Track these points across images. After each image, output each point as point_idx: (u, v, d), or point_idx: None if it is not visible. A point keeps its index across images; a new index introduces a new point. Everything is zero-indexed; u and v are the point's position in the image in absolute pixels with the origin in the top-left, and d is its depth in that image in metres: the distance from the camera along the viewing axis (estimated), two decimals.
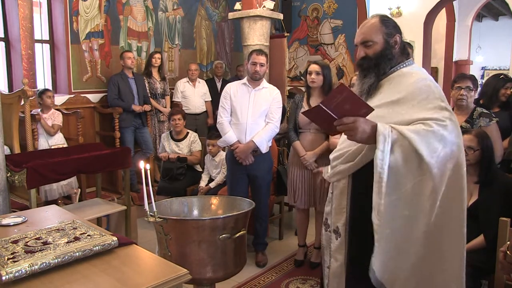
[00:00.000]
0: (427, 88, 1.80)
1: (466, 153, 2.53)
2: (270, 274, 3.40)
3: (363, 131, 1.70)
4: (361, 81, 1.92)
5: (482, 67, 12.14)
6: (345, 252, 1.96)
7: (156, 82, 5.47)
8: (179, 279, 1.44)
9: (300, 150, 3.30)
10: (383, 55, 1.87)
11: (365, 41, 1.89)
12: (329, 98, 1.68)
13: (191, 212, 2.54)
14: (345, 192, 1.93)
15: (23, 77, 4.37)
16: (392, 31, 1.88)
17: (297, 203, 3.41)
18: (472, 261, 2.40)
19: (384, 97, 1.85)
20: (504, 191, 2.47)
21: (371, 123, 1.71)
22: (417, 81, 1.82)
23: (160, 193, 4.25)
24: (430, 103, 1.78)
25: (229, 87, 3.52)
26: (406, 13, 6.48)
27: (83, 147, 3.63)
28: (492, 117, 2.93)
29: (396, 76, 1.88)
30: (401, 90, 1.82)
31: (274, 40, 5.57)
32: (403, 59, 1.92)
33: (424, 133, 1.70)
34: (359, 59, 1.92)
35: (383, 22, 1.88)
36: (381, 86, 1.89)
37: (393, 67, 1.89)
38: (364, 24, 1.92)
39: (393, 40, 1.88)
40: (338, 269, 2.00)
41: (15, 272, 1.34)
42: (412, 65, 1.92)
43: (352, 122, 1.69)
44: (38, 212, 2.12)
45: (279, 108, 3.45)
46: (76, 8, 5.08)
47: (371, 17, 1.94)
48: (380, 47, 1.87)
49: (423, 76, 1.86)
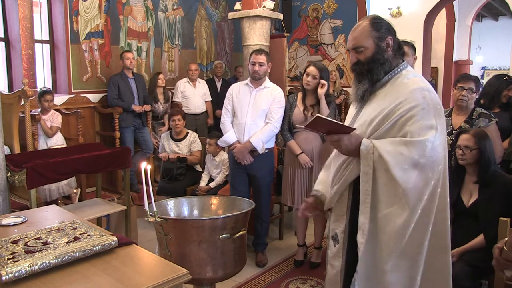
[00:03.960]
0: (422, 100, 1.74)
1: (463, 152, 2.55)
2: (270, 274, 3.40)
3: (347, 148, 1.79)
4: (356, 86, 1.91)
5: (482, 67, 12.13)
6: (342, 260, 1.94)
7: (160, 106, 5.42)
8: (179, 279, 1.44)
9: (295, 149, 3.31)
10: (375, 60, 1.83)
11: (356, 47, 1.85)
12: (310, 125, 1.80)
13: (191, 212, 2.54)
14: (345, 199, 1.93)
15: (23, 77, 4.37)
16: (384, 34, 1.83)
17: (295, 203, 3.41)
18: (472, 261, 2.41)
19: (377, 109, 1.82)
20: (504, 191, 2.47)
21: (356, 140, 1.78)
22: (414, 91, 1.77)
23: (160, 193, 4.25)
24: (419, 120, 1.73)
25: (232, 88, 3.56)
26: (406, 13, 6.48)
27: (83, 147, 3.63)
28: (491, 118, 2.93)
29: (391, 87, 1.84)
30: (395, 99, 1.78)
31: (274, 40, 5.56)
32: (398, 61, 1.88)
33: (399, 158, 1.70)
34: (352, 64, 1.91)
35: (373, 26, 1.83)
36: (376, 95, 1.86)
37: (388, 73, 1.85)
38: (355, 28, 1.88)
39: (385, 44, 1.83)
40: (334, 277, 1.98)
41: (15, 272, 1.34)
42: (407, 69, 1.88)
43: (336, 140, 1.79)
44: (38, 212, 2.12)
45: (279, 108, 3.43)
46: (76, 8, 5.08)
47: (362, 19, 1.89)
48: (371, 52, 1.83)
49: (420, 84, 1.81)
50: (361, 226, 1.78)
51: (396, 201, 1.73)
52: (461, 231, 2.58)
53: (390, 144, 1.73)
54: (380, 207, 1.76)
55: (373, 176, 1.75)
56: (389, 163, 1.70)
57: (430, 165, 1.72)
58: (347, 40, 1.93)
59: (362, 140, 1.78)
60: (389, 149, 1.72)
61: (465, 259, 2.44)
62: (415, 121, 1.72)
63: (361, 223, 1.78)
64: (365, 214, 1.77)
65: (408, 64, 1.95)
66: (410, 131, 1.72)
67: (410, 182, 1.70)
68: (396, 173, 1.70)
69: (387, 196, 1.75)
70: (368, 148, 1.75)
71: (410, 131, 1.72)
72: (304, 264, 3.54)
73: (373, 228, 1.77)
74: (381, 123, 1.78)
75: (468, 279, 2.35)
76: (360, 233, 1.78)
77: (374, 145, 1.75)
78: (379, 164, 1.74)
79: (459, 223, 2.61)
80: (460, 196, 2.62)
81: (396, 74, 1.86)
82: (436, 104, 1.79)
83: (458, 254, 2.48)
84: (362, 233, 1.77)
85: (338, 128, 1.81)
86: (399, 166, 1.70)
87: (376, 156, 1.73)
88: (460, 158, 2.57)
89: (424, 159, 1.71)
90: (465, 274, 2.36)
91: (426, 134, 1.71)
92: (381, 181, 1.75)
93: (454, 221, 2.65)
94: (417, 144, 1.70)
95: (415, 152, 1.70)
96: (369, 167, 1.75)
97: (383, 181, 1.74)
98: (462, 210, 2.60)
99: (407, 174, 1.70)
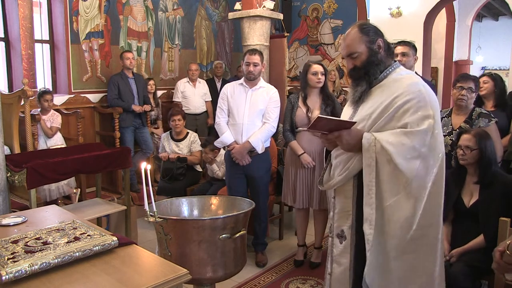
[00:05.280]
0: (418, 94, 1.83)
1: (464, 152, 2.55)
2: (270, 274, 3.40)
3: (347, 143, 1.85)
4: (354, 89, 1.99)
5: (482, 67, 12.12)
6: (350, 255, 1.96)
7: (152, 112, 5.46)
8: (179, 279, 1.44)
9: (297, 149, 3.31)
10: (370, 62, 1.92)
11: (351, 53, 1.95)
12: (312, 127, 1.85)
13: (191, 212, 2.54)
14: (350, 195, 1.97)
15: (23, 77, 4.37)
16: (374, 37, 1.93)
17: (296, 203, 3.41)
18: (472, 261, 2.41)
19: (375, 104, 1.90)
20: (504, 191, 2.46)
21: (356, 134, 1.84)
22: (410, 85, 1.86)
23: (160, 193, 4.25)
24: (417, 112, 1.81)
25: (226, 88, 3.53)
26: (406, 13, 6.48)
27: (83, 147, 3.63)
28: (491, 118, 2.93)
29: (387, 83, 1.93)
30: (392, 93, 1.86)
31: (274, 40, 5.56)
32: (390, 61, 1.98)
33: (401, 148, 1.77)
34: (349, 70, 2.00)
35: (362, 31, 1.93)
36: (372, 92, 1.95)
37: (383, 72, 1.94)
38: (346, 36, 1.98)
39: (377, 45, 1.93)
40: (341, 275, 2.00)
41: (15, 272, 1.34)
42: (399, 68, 1.98)
43: (336, 137, 1.85)
44: (38, 212, 2.12)
45: (276, 107, 3.44)
46: (76, 8, 5.08)
47: (350, 27, 1.99)
48: (365, 55, 1.93)
49: (414, 80, 1.90)
50: (367, 217, 1.82)
51: (401, 189, 1.79)
52: (461, 232, 2.58)
53: (391, 135, 1.80)
54: (385, 197, 1.81)
55: (376, 168, 1.81)
56: (392, 154, 1.77)
57: (431, 153, 1.81)
58: (341, 49, 2.04)
59: (363, 133, 1.84)
60: (391, 140, 1.78)
61: (465, 260, 2.43)
62: (413, 113, 1.80)
63: (367, 213, 1.82)
64: (370, 205, 1.81)
65: (409, 64, 1.99)
66: (410, 122, 1.79)
67: (413, 171, 1.77)
68: (400, 163, 1.76)
69: (391, 186, 1.80)
70: (370, 141, 1.81)
71: (409, 122, 1.79)
72: (304, 264, 3.54)
73: (380, 218, 1.82)
74: (380, 116, 1.85)
75: (467, 280, 2.35)
76: (367, 224, 1.81)
77: (375, 138, 1.81)
78: (381, 156, 1.79)
79: (460, 223, 2.61)
80: (460, 197, 2.62)
81: (391, 72, 1.95)
82: (432, 96, 1.87)
83: (458, 254, 2.48)
84: (369, 223, 1.81)
85: (338, 124, 1.85)
86: (402, 156, 1.77)
87: (378, 148, 1.79)
88: (460, 158, 2.57)
89: (425, 148, 1.79)
90: (465, 275, 2.35)
91: (424, 124, 1.79)
92: (384, 172, 1.80)
93: (454, 221, 2.66)
94: (418, 134, 1.78)
95: (416, 141, 1.77)
96: (372, 159, 1.81)
97: (387, 171, 1.80)
98: (462, 211, 2.60)
99: (410, 163, 1.77)
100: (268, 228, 3.83)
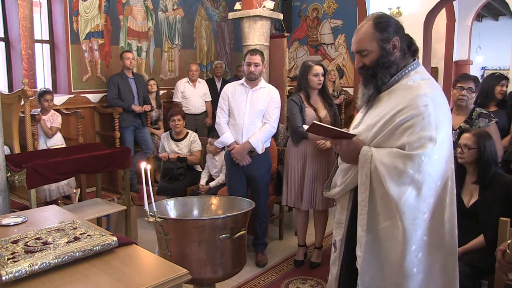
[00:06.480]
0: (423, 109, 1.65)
1: (462, 151, 2.55)
2: (270, 274, 3.40)
3: (344, 154, 1.79)
4: (362, 90, 1.85)
5: (482, 67, 12.14)
6: (338, 267, 1.94)
7: (153, 112, 5.47)
8: (179, 279, 1.44)
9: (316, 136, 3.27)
10: (379, 64, 1.74)
11: (359, 50, 1.77)
12: (310, 131, 1.77)
13: (191, 212, 2.54)
14: (345, 208, 1.91)
15: (23, 77, 4.37)
16: (389, 35, 1.73)
17: (296, 203, 3.41)
18: (472, 261, 2.41)
19: (381, 113, 1.75)
20: (504, 191, 2.46)
21: (355, 147, 1.74)
22: (417, 97, 1.67)
23: (160, 193, 4.25)
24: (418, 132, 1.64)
25: (227, 88, 3.52)
26: (406, 13, 6.48)
27: (83, 147, 3.63)
28: (491, 118, 2.93)
29: (397, 89, 1.75)
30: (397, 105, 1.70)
31: (274, 40, 5.56)
32: (408, 61, 1.79)
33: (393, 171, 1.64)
34: (358, 68, 1.84)
35: (376, 27, 1.73)
36: (381, 98, 1.79)
37: (394, 75, 1.76)
38: (358, 29, 1.79)
39: (391, 45, 1.73)
40: (331, 283, 1.99)
41: (15, 272, 1.34)
42: (415, 70, 1.78)
43: (336, 145, 1.79)
44: (38, 212, 2.12)
45: (276, 108, 3.43)
46: (76, 8, 5.08)
47: (365, 20, 1.80)
48: (376, 55, 1.74)
49: (424, 90, 1.69)
50: (358, 239, 1.74)
51: (392, 215, 1.67)
52: (461, 232, 2.57)
53: (387, 155, 1.66)
54: (379, 220, 1.71)
55: (370, 186, 1.70)
56: (383, 176, 1.65)
57: (426, 181, 1.64)
58: (351, 42, 1.85)
59: (362, 148, 1.72)
60: (385, 160, 1.66)
61: (465, 260, 2.43)
62: (413, 132, 1.63)
63: (359, 236, 1.74)
64: (361, 226, 1.73)
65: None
66: (408, 143, 1.64)
67: (402, 198, 1.62)
68: (390, 187, 1.63)
69: (383, 209, 1.70)
70: (366, 157, 1.70)
71: (407, 142, 1.64)
72: (304, 264, 3.53)
73: (373, 241, 1.73)
74: (381, 130, 1.72)
75: (468, 280, 2.35)
76: (358, 246, 1.74)
77: (372, 155, 1.69)
78: (375, 175, 1.69)
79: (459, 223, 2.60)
80: (460, 197, 2.61)
81: (403, 76, 1.76)
82: (440, 110, 1.69)
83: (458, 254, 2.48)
84: (359, 246, 1.73)
85: (337, 134, 1.78)
86: (393, 180, 1.63)
87: (373, 167, 1.68)
88: (459, 156, 2.57)
89: (419, 175, 1.62)
90: (465, 275, 2.35)
91: (423, 147, 1.62)
92: (377, 193, 1.70)
93: None
94: (414, 158, 1.62)
95: (410, 166, 1.62)
96: (366, 177, 1.70)
97: (380, 193, 1.69)
98: (462, 211, 2.59)
99: (400, 188, 1.63)
100: (268, 228, 3.83)
